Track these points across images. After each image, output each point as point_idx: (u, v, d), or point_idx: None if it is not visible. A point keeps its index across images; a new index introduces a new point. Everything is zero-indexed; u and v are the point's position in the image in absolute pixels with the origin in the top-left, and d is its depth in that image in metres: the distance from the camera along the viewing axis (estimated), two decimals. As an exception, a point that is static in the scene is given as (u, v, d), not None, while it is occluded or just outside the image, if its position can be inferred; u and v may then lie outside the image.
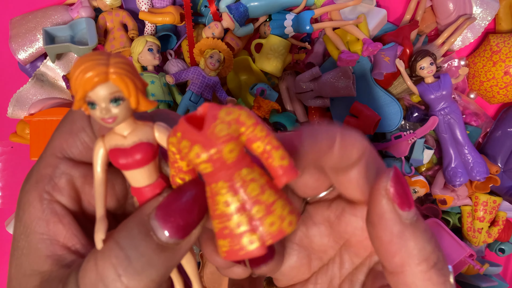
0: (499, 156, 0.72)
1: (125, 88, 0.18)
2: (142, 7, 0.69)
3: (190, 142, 0.17)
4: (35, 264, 0.21)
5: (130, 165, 0.19)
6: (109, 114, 0.18)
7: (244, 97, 0.72)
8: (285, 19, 0.68)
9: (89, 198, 0.23)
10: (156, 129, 0.20)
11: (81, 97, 0.18)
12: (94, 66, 0.17)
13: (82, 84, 0.17)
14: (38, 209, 0.21)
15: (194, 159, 0.17)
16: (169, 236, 0.18)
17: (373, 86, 0.68)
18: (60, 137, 0.22)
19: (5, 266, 0.78)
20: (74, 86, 0.18)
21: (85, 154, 0.22)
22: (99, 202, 0.19)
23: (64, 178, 0.22)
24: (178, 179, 0.19)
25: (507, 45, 0.69)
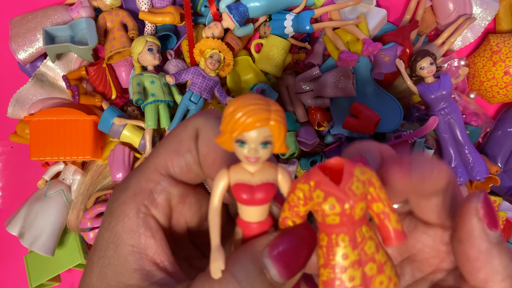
0: (499, 156, 0.72)
1: (277, 135, 0.19)
2: (142, 7, 0.69)
3: (325, 194, 0.19)
4: (121, 276, 0.21)
5: (252, 201, 0.20)
6: (255, 155, 0.19)
7: (244, 97, 0.72)
8: (285, 19, 0.68)
9: (179, 217, 0.24)
10: (280, 172, 0.21)
11: (236, 136, 0.19)
12: (258, 111, 0.18)
13: (243, 125, 0.18)
14: (134, 221, 0.21)
15: (327, 210, 0.18)
16: (280, 276, 0.19)
17: (373, 86, 0.68)
18: (166, 154, 0.23)
19: (5, 266, 0.78)
20: (232, 125, 0.18)
21: (186, 174, 0.23)
22: (214, 231, 0.20)
23: (163, 194, 0.22)
24: (290, 222, 0.20)
25: (507, 45, 0.69)
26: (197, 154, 0.23)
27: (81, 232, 0.70)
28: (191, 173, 0.23)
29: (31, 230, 0.66)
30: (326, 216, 0.19)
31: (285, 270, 0.19)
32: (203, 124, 0.23)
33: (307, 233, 0.20)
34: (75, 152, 0.66)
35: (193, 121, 0.23)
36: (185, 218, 0.24)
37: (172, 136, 0.24)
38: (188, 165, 0.23)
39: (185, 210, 0.24)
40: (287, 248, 0.19)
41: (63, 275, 0.74)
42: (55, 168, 0.71)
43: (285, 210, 0.20)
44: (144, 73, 0.65)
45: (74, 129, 0.66)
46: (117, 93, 0.72)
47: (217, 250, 0.19)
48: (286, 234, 0.20)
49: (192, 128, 0.23)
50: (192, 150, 0.23)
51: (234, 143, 0.19)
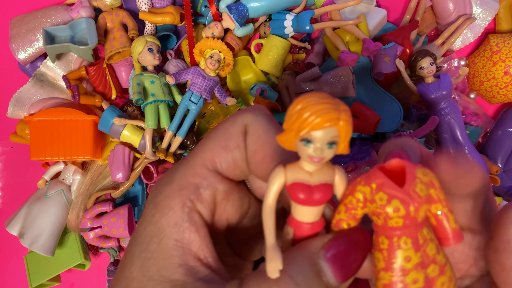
0: (499, 156, 0.72)
1: (344, 135, 0.19)
2: (142, 7, 0.69)
3: (389, 196, 0.18)
4: (164, 271, 0.20)
5: (309, 202, 0.20)
6: (321, 155, 0.19)
7: (244, 97, 0.72)
8: (285, 19, 0.68)
9: (221, 213, 0.23)
10: (337, 173, 0.20)
11: (303, 135, 0.18)
12: (329, 110, 0.18)
13: (312, 124, 0.18)
14: (178, 215, 0.21)
15: (391, 212, 0.18)
16: (335, 279, 0.19)
17: (373, 86, 0.68)
18: (214, 150, 0.23)
19: (5, 266, 0.78)
20: (300, 123, 0.18)
21: (232, 170, 0.23)
22: (269, 230, 0.20)
23: (209, 190, 0.22)
24: (345, 224, 0.20)
25: (507, 45, 0.69)
26: (245, 150, 0.22)
27: (81, 232, 0.70)
28: (237, 169, 0.23)
29: (31, 230, 0.66)
30: (389, 219, 0.18)
31: (341, 274, 0.19)
32: (253, 121, 0.22)
33: (362, 236, 0.20)
34: (75, 152, 0.66)
35: (242, 117, 0.23)
36: (227, 215, 0.24)
37: (220, 131, 0.23)
38: (235, 162, 0.23)
39: (228, 207, 0.24)
40: (343, 251, 0.19)
41: (63, 275, 0.74)
42: (55, 168, 0.71)
43: (341, 212, 0.20)
44: (144, 73, 0.65)
45: (74, 129, 0.66)
46: (117, 93, 0.72)
47: (274, 250, 0.19)
48: (342, 237, 0.20)
49: (240, 124, 0.23)
50: (240, 146, 0.22)
51: (298, 142, 0.19)
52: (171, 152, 0.66)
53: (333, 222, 0.21)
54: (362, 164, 0.64)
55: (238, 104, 0.69)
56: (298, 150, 0.19)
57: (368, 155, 0.63)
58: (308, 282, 0.18)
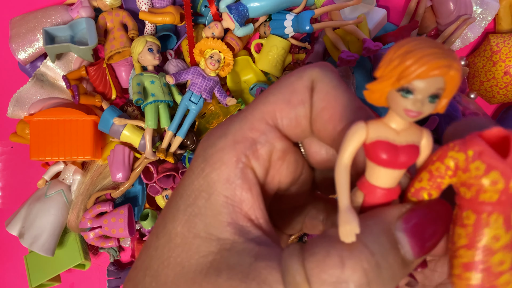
0: (499, 156, 0.72)
1: (451, 89, 0.16)
2: (142, 7, 0.69)
3: (487, 166, 0.16)
4: (212, 228, 0.19)
5: (393, 163, 0.18)
6: (420, 108, 0.16)
7: (244, 97, 0.72)
8: (285, 19, 0.68)
9: (275, 174, 0.21)
10: (425, 136, 0.18)
11: (405, 83, 0.16)
12: (440, 56, 0.15)
13: (419, 71, 0.16)
14: (232, 171, 0.19)
15: (488, 184, 0.16)
16: (412, 253, 0.17)
17: (373, 86, 0.68)
18: (276, 104, 0.21)
19: (6, 266, 0.78)
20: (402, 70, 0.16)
21: (293, 128, 0.21)
22: (343, 190, 0.18)
23: (267, 146, 0.20)
24: (425, 194, 0.18)
25: (507, 45, 0.69)
26: (310, 107, 0.20)
27: (81, 232, 0.70)
28: (299, 128, 0.21)
29: (31, 230, 0.66)
30: (482, 192, 0.16)
31: (419, 248, 0.17)
32: (321, 76, 0.21)
33: (444, 209, 0.18)
34: (75, 152, 0.66)
35: (309, 72, 0.21)
36: (279, 177, 0.22)
37: (284, 85, 0.21)
38: (298, 119, 0.21)
39: (282, 168, 0.22)
40: (423, 224, 0.17)
41: (63, 275, 0.74)
42: (55, 168, 0.71)
43: (423, 180, 0.18)
44: (144, 73, 0.65)
45: (74, 129, 0.66)
46: (117, 93, 0.72)
47: (348, 212, 0.17)
48: (422, 208, 0.18)
49: (308, 78, 0.21)
50: (305, 102, 0.20)
51: (394, 93, 0.16)
52: (171, 152, 0.66)
53: (411, 190, 0.19)
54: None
55: (238, 104, 0.69)
56: (391, 102, 0.17)
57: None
58: (385, 253, 0.17)
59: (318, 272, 0.16)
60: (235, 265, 0.18)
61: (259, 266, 0.17)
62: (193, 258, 0.19)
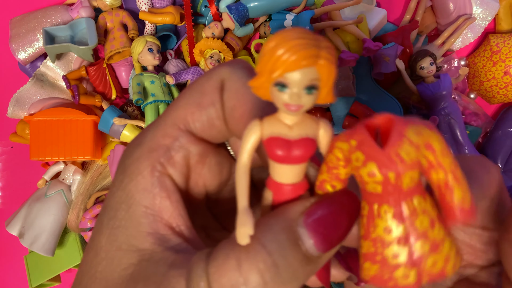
0: (499, 156, 0.72)
1: (326, 78, 0.16)
2: (142, 7, 0.69)
3: (365, 157, 0.16)
4: (133, 239, 0.19)
5: (289, 159, 0.17)
6: (297, 101, 0.16)
7: (244, 97, 0.72)
8: (285, 19, 0.68)
9: (197, 179, 0.21)
10: (322, 127, 0.18)
11: (277, 77, 0.16)
12: (306, 46, 0.15)
13: (286, 64, 0.15)
14: (148, 180, 0.19)
15: (365, 176, 0.16)
16: (316, 248, 0.17)
17: (373, 86, 0.68)
18: (186, 108, 0.20)
19: (5, 266, 0.78)
20: (271, 63, 0.15)
21: (207, 131, 0.21)
22: (242, 191, 0.17)
23: (181, 152, 0.20)
24: (329, 186, 0.18)
25: (507, 45, 0.69)
26: (222, 108, 0.20)
27: (81, 232, 0.70)
28: (213, 129, 0.21)
29: (31, 230, 0.66)
30: (365, 184, 0.16)
31: (323, 242, 0.17)
32: (230, 74, 0.20)
33: (348, 200, 0.18)
34: (75, 152, 0.66)
35: (218, 71, 0.21)
36: (204, 181, 0.22)
37: (193, 88, 0.21)
38: (211, 120, 0.20)
39: (204, 172, 0.21)
40: (326, 217, 0.17)
41: (63, 275, 0.74)
42: (55, 168, 0.71)
43: (323, 173, 0.18)
44: (144, 73, 0.65)
45: (74, 129, 0.66)
46: (117, 93, 0.72)
47: (245, 213, 0.17)
48: (325, 201, 0.17)
49: (216, 78, 0.20)
50: (216, 103, 0.20)
51: (272, 87, 0.16)
52: (171, 152, 0.66)
53: (316, 183, 0.18)
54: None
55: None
56: (273, 98, 0.17)
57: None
58: (283, 251, 0.16)
59: (218, 277, 0.16)
60: (151, 276, 0.18)
61: (170, 275, 0.17)
62: (115, 271, 0.19)
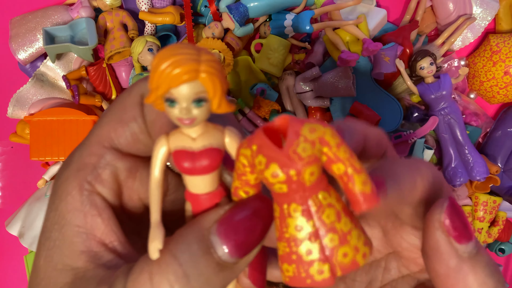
0: (499, 156, 0.72)
1: (212, 90, 0.16)
2: (142, 7, 0.69)
3: (267, 159, 0.16)
4: (67, 259, 0.19)
5: (196, 170, 0.18)
6: (189, 115, 0.17)
7: (244, 97, 0.72)
8: (285, 19, 0.68)
9: (131, 193, 0.22)
10: (227, 135, 0.18)
11: (162, 93, 0.16)
12: (185, 61, 0.16)
13: (168, 79, 0.16)
14: (77, 200, 0.20)
15: (270, 178, 0.16)
16: (230, 254, 0.17)
17: (373, 86, 0.68)
18: (109, 125, 0.21)
19: (5, 266, 0.78)
20: (156, 79, 0.16)
21: (133, 145, 0.21)
22: (155, 206, 0.18)
23: (108, 169, 0.20)
24: (242, 192, 0.18)
25: (507, 45, 0.69)
26: (144, 122, 0.21)
27: (81, 232, 0.70)
28: (139, 143, 0.21)
29: (31, 230, 0.66)
30: (271, 185, 0.16)
31: (237, 248, 0.17)
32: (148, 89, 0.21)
33: (261, 205, 0.18)
34: (75, 152, 0.66)
35: (138, 86, 0.21)
36: (138, 194, 0.22)
37: (116, 105, 0.21)
38: (134, 135, 0.21)
39: (137, 186, 0.22)
40: (239, 223, 0.17)
41: (63, 275, 0.74)
42: (55, 168, 0.71)
43: (235, 180, 0.18)
44: (144, 73, 0.65)
45: (74, 129, 0.66)
46: (117, 93, 0.72)
47: (156, 228, 0.17)
48: (237, 207, 0.18)
49: (136, 93, 0.21)
50: (137, 118, 0.20)
51: (164, 103, 0.17)
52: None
53: (232, 191, 0.18)
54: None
55: (238, 104, 0.69)
56: (167, 113, 0.17)
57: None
58: (194, 261, 0.17)
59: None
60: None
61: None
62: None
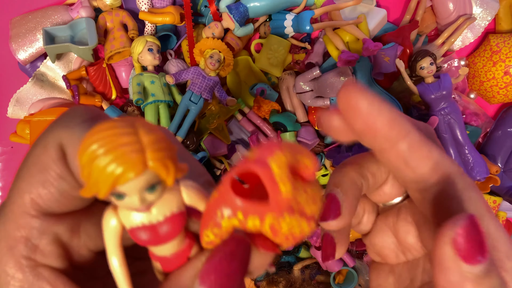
0: (499, 156, 0.72)
1: (164, 172, 0.15)
2: (142, 7, 0.69)
3: (260, 217, 0.15)
4: None
5: (160, 241, 0.17)
6: (144, 203, 0.15)
7: (244, 97, 0.72)
8: (285, 19, 0.68)
9: (79, 250, 0.20)
10: (185, 192, 0.17)
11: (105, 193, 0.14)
12: (127, 155, 0.14)
13: (112, 179, 0.14)
14: (21, 279, 0.18)
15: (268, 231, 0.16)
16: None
17: (373, 86, 0.68)
18: (31, 190, 0.18)
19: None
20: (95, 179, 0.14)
21: (68, 205, 0.19)
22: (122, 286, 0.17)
23: (45, 238, 0.18)
24: (211, 235, 0.17)
25: (507, 45, 0.69)
26: (74, 178, 0.18)
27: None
28: (73, 200, 0.19)
29: (31, 230, 0.66)
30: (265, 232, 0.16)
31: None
32: (68, 139, 0.18)
33: (238, 247, 0.17)
34: (75, 152, 0.66)
35: (54, 138, 0.18)
36: (87, 248, 0.20)
37: (32, 164, 0.19)
38: (65, 194, 0.18)
39: (84, 241, 0.20)
40: (220, 271, 0.16)
41: (63, 275, 0.74)
42: (55, 168, 0.71)
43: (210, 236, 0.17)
44: (144, 73, 0.65)
45: (74, 129, 0.66)
46: (117, 93, 0.72)
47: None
48: (215, 256, 0.17)
49: (53, 147, 0.18)
50: (65, 176, 0.18)
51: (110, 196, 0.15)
52: (171, 152, 0.66)
53: (204, 239, 0.17)
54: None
55: (238, 104, 0.69)
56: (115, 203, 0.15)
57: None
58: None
59: None
60: None
61: None
62: None
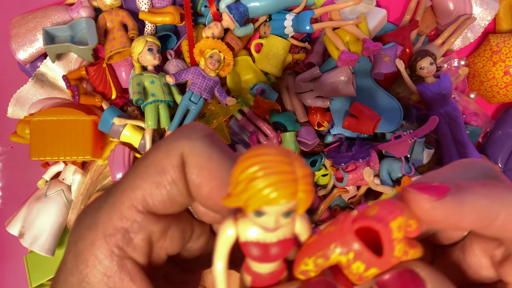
0: (499, 156, 0.72)
1: (304, 205, 0.16)
2: (142, 7, 0.69)
3: (366, 265, 0.17)
4: None
5: (267, 259, 0.18)
6: (275, 225, 0.17)
7: (244, 97, 0.72)
8: (285, 19, 0.68)
9: (159, 251, 0.21)
10: (299, 221, 0.18)
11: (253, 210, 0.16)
12: (284, 183, 0.15)
13: (264, 200, 0.15)
14: (107, 266, 0.19)
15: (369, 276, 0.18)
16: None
17: (373, 86, 0.68)
18: (144, 188, 0.19)
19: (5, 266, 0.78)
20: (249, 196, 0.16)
21: (170, 207, 0.20)
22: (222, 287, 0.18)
23: (142, 234, 0.19)
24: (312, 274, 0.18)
25: (507, 45, 0.69)
26: (185, 185, 0.20)
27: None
28: (176, 205, 0.20)
29: (31, 230, 0.66)
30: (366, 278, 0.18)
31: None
32: (190, 149, 0.19)
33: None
34: (75, 152, 0.66)
35: (177, 146, 0.20)
36: (166, 251, 0.21)
37: (151, 165, 0.20)
38: (172, 198, 0.20)
39: (166, 244, 0.21)
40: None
41: (63, 275, 0.74)
42: (55, 168, 0.71)
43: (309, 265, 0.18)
44: (144, 73, 0.65)
45: (74, 129, 0.66)
46: (117, 93, 0.72)
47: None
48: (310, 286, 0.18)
49: (175, 155, 0.19)
50: (178, 182, 0.19)
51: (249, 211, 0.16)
52: (171, 152, 0.66)
53: (299, 268, 0.18)
54: (362, 164, 0.64)
55: (238, 104, 0.69)
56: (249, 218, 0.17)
57: (368, 155, 0.63)
58: None
59: None
60: None
61: None
62: None
